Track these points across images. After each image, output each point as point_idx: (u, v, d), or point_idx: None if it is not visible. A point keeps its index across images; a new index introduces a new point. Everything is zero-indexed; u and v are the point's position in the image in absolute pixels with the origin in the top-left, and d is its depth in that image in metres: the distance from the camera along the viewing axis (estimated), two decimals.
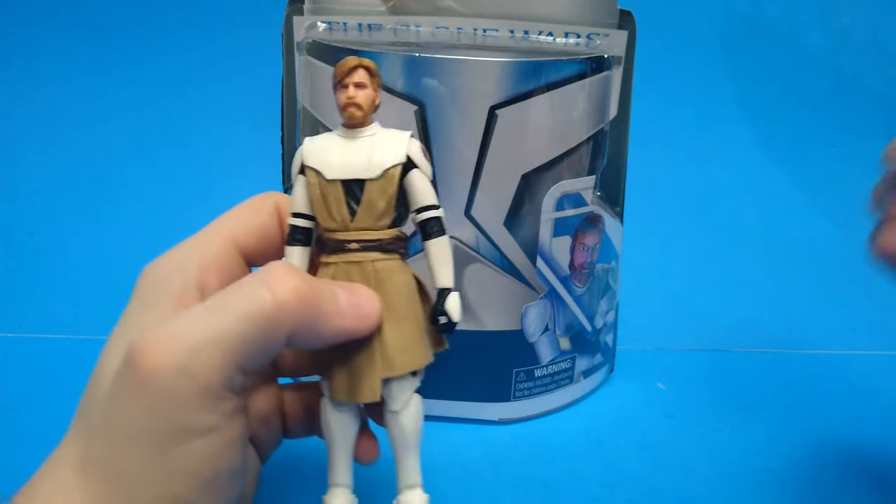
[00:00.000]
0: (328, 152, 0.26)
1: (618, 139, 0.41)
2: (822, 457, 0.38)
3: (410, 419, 0.27)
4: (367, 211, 0.26)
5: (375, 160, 0.26)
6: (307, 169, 0.27)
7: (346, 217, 0.26)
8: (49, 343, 0.48)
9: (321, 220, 0.27)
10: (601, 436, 0.40)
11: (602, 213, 0.41)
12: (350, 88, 0.26)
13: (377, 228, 0.26)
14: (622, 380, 0.46)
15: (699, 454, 0.39)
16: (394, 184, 0.26)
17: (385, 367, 0.26)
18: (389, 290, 0.26)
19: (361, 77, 0.26)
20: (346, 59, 0.26)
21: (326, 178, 0.26)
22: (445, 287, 0.27)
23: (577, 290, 0.41)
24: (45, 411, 0.41)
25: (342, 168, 0.26)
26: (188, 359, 0.22)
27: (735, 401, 0.44)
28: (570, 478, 0.37)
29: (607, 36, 0.39)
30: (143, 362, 0.22)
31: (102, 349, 0.26)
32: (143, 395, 0.22)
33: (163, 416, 0.22)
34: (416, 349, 0.27)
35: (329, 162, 0.26)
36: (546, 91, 0.36)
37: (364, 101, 0.26)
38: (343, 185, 0.26)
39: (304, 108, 0.40)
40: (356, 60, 0.26)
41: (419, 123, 0.36)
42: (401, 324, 0.26)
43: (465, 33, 0.40)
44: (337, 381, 0.26)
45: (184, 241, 0.27)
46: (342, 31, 0.40)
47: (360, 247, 0.26)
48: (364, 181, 0.26)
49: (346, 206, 0.26)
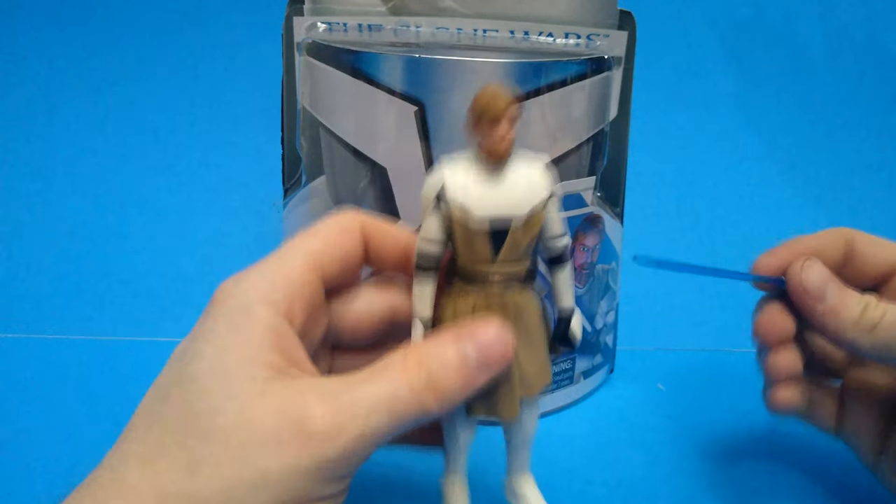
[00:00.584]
0: (471, 189, 0.25)
1: (618, 140, 0.41)
2: (822, 456, 0.38)
3: (531, 423, 0.29)
4: (511, 249, 0.26)
5: (520, 201, 0.26)
6: (452, 205, 0.26)
7: (489, 254, 0.26)
8: (49, 343, 0.48)
9: (463, 254, 0.26)
10: (601, 436, 0.40)
11: (602, 213, 0.41)
12: (504, 125, 0.24)
13: (517, 262, 0.27)
14: (622, 380, 0.46)
15: (699, 454, 0.39)
16: (540, 222, 0.26)
17: (523, 388, 0.27)
18: (526, 319, 0.27)
19: (515, 112, 0.25)
20: (493, 93, 0.24)
21: (474, 218, 0.25)
22: (569, 307, 0.28)
23: (577, 291, 0.41)
24: (44, 411, 0.41)
25: (487, 208, 0.25)
26: (356, 442, 0.23)
27: (735, 401, 0.44)
28: (570, 478, 0.37)
29: (607, 37, 0.39)
30: (316, 427, 0.23)
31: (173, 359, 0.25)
32: (306, 452, 0.22)
33: (315, 476, 0.23)
34: (545, 369, 0.28)
35: (474, 201, 0.25)
36: (546, 92, 0.36)
37: (514, 138, 0.25)
38: (490, 224, 0.26)
39: (303, 108, 0.40)
40: (505, 99, 0.24)
41: (419, 124, 0.36)
42: (534, 349, 0.27)
43: (466, 34, 0.40)
44: (476, 401, 0.27)
45: (264, 262, 0.27)
46: (342, 31, 0.40)
47: (501, 279, 0.26)
48: (510, 220, 0.26)
49: (490, 244, 0.26)
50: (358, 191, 0.38)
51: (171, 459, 0.22)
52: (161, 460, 0.22)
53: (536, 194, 0.26)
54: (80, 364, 0.46)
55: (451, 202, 0.25)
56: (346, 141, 0.38)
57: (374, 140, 0.37)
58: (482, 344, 0.25)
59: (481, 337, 0.25)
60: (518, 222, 0.26)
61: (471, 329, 0.26)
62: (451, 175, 0.26)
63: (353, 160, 0.38)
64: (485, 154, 0.25)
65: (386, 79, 0.36)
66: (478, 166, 0.26)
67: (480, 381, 0.25)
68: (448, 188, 0.25)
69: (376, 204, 0.38)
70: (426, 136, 0.36)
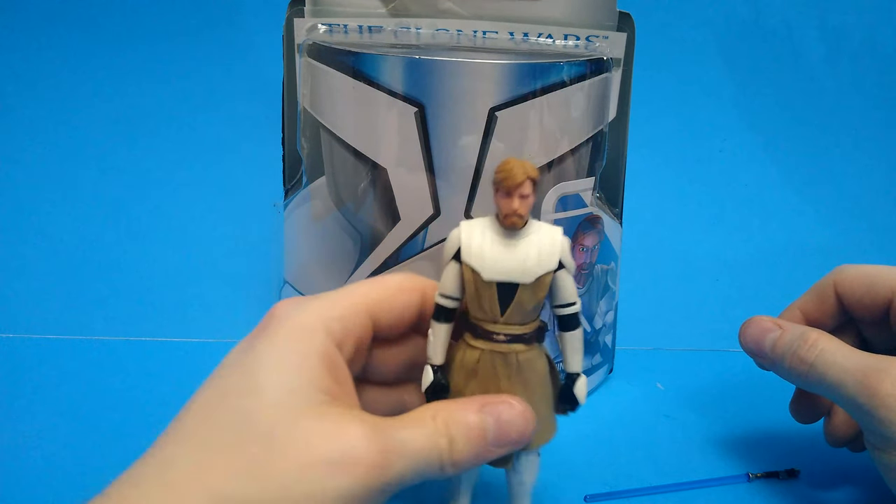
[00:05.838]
0: (485, 250, 0.27)
1: (617, 141, 0.41)
2: (822, 456, 0.39)
3: (530, 476, 0.30)
4: (517, 310, 0.27)
5: (530, 267, 0.27)
6: (465, 264, 0.27)
7: (496, 313, 0.27)
8: (49, 343, 0.48)
9: (472, 310, 0.28)
10: (601, 436, 0.40)
11: (601, 214, 0.41)
12: (515, 201, 0.26)
13: (523, 324, 0.28)
14: (621, 380, 0.46)
15: (698, 454, 0.39)
16: (545, 289, 0.27)
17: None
18: (529, 377, 0.28)
19: (527, 189, 0.26)
20: (512, 166, 0.26)
21: (483, 279, 0.27)
22: (576, 372, 0.29)
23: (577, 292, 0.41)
24: (44, 411, 0.41)
25: (498, 270, 0.27)
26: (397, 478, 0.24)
27: (734, 401, 0.44)
28: (569, 478, 0.37)
29: (606, 38, 0.39)
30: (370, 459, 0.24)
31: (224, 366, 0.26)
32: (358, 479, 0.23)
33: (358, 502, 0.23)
34: (547, 427, 0.29)
35: (486, 262, 0.27)
36: (545, 93, 0.36)
37: (526, 212, 0.26)
38: (497, 286, 0.27)
39: (304, 109, 0.40)
40: (523, 174, 0.26)
41: (419, 125, 0.36)
42: (537, 407, 0.28)
43: (465, 35, 0.40)
44: None
45: (325, 294, 0.28)
46: (343, 33, 0.40)
47: (507, 339, 0.28)
48: (517, 285, 0.27)
49: (497, 304, 0.27)
50: (358, 191, 0.38)
51: (229, 463, 0.23)
52: (217, 462, 0.23)
53: (545, 265, 0.27)
54: (80, 364, 0.46)
55: (465, 262, 0.27)
56: (347, 142, 0.38)
57: (374, 141, 0.37)
58: (503, 420, 0.27)
59: (504, 414, 0.27)
60: (524, 289, 0.27)
61: (495, 402, 0.27)
62: (468, 236, 0.27)
63: (354, 161, 0.38)
64: (500, 220, 0.27)
65: (386, 80, 0.36)
66: (494, 229, 0.27)
67: (495, 454, 0.27)
68: (464, 248, 0.27)
69: (376, 205, 0.38)
70: (426, 137, 0.36)
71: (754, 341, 0.35)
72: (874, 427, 0.30)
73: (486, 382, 0.28)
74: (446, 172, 0.36)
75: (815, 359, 0.32)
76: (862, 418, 0.31)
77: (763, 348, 0.35)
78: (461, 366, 0.28)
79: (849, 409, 0.32)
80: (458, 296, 0.28)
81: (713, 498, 0.36)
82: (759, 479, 0.37)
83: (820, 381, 0.32)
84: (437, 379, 0.28)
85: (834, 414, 0.36)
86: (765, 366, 0.36)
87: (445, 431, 0.26)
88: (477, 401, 0.27)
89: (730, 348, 0.49)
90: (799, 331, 0.34)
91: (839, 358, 0.32)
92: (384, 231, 0.38)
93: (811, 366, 0.32)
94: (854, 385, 0.30)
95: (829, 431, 0.36)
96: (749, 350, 0.36)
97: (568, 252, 0.27)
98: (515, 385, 0.28)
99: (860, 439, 0.34)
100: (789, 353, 0.33)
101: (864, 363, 0.31)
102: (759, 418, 0.42)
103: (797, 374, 0.33)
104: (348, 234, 0.40)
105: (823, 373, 0.32)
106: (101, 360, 0.46)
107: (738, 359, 0.48)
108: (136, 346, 0.48)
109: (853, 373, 0.31)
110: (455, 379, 0.28)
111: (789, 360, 0.33)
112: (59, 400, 0.42)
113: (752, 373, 0.42)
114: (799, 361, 0.33)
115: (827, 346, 0.32)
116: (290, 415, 0.24)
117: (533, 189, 0.26)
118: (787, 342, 0.34)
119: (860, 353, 0.32)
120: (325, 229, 0.40)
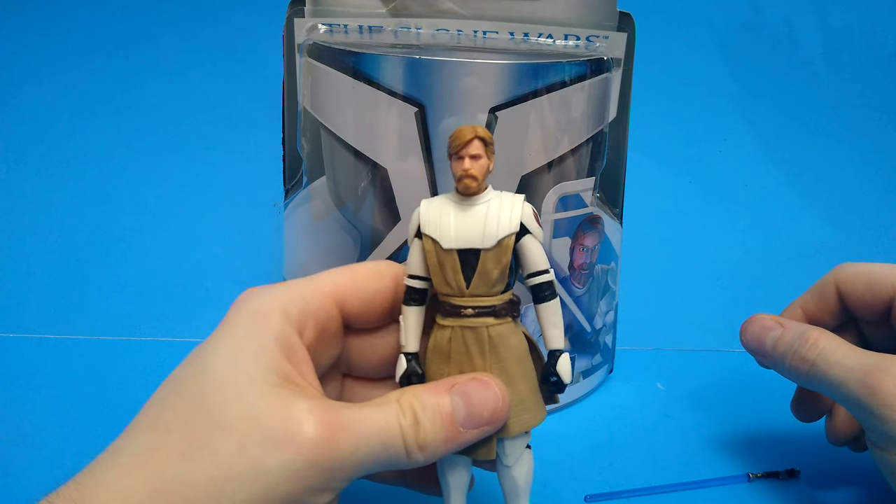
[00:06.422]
0: (444, 220, 0.27)
1: (617, 141, 0.41)
2: (822, 456, 0.39)
3: (522, 473, 0.28)
4: (482, 279, 0.26)
5: (490, 230, 0.26)
6: (424, 236, 0.27)
7: (461, 284, 0.27)
8: (49, 343, 0.48)
9: (437, 285, 0.27)
10: (601, 436, 0.40)
11: (601, 214, 0.41)
12: (466, 161, 0.26)
13: (491, 294, 0.27)
14: (621, 380, 0.46)
15: (698, 454, 0.39)
16: (508, 253, 0.26)
17: (500, 429, 0.27)
18: (503, 353, 0.27)
19: (477, 149, 0.26)
20: (460, 129, 0.26)
21: (443, 248, 0.26)
22: (557, 349, 0.28)
23: (577, 291, 0.41)
24: (44, 411, 0.41)
25: (458, 238, 0.26)
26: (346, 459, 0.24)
27: (734, 401, 0.44)
28: (569, 478, 0.37)
29: (607, 38, 0.39)
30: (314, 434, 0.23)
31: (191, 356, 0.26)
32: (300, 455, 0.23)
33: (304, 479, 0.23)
34: (529, 409, 0.28)
35: (445, 231, 0.26)
36: (546, 93, 0.36)
37: (479, 173, 0.26)
38: (459, 254, 0.26)
39: (304, 109, 0.40)
40: (471, 132, 0.26)
41: (419, 125, 0.36)
42: (515, 386, 0.27)
43: (466, 35, 0.40)
44: None
45: (290, 281, 0.28)
46: (343, 33, 0.40)
47: (475, 312, 0.27)
48: (479, 251, 0.26)
49: (461, 274, 0.26)
50: (358, 191, 0.38)
51: (172, 445, 0.23)
52: (162, 446, 0.23)
53: (505, 227, 0.26)
54: (80, 364, 0.46)
55: (424, 233, 0.27)
56: (347, 142, 0.38)
57: (374, 141, 0.37)
58: (474, 398, 0.26)
59: (475, 393, 0.26)
60: (486, 254, 0.26)
61: (465, 380, 0.26)
62: (426, 210, 0.27)
63: (354, 161, 0.38)
64: (456, 188, 0.27)
65: (386, 80, 0.36)
66: (453, 199, 0.27)
67: (469, 437, 0.26)
68: (423, 221, 0.27)
69: (376, 204, 0.38)
70: (426, 137, 0.36)
71: (755, 340, 0.35)
72: (875, 426, 0.30)
73: (461, 364, 0.27)
74: (446, 173, 0.36)
75: (817, 357, 0.32)
76: (863, 417, 0.31)
77: (764, 347, 0.35)
78: (435, 350, 0.27)
79: (850, 408, 0.32)
80: (425, 274, 0.27)
81: (713, 498, 0.36)
82: (760, 479, 0.37)
83: (821, 380, 0.32)
84: (410, 367, 0.27)
85: (835, 413, 0.36)
86: (766, 364, 0.36)
87: (410, 412, 0.25)
88: (446, 381, 0.26)
89: (730, 348, 0.49)
90: (800, 329, 0.34)
91: (840, 356, 0.32)
92: (384, 231, 0.38)
93: (812, 364, 0.32)
94: (855, 383, 0.30)
95: (831, 430, 0.36)
96: (750, 348, 0.36)
97: (531, 217, 0.27)
98: (490, 363, 0.27)
99: (861, 438, 0.34)
100: (790, 352, 0.33)
101: (865, 361, 0.31)
102: (759, 418, 0.42)
103: (798, 372, 0.33)
104: (348, 233, 0.40)
105: (824, 371, 0.32)
106: (101, 360, 0.46)
107: (738, 359, 0.48)
108: (136, 346, 0.48)
109: (854, 371, 0.31)
110: (430, 366, 0.27)
111: (790, 358, 0.33)
112: (59, 400, 0.42)
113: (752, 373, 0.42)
114: (800, 360, 0.33)
115: (828, 345, 0.32)
116: (238, 396, 0.24)
117: (485, 151, 0.26)
118: (789, 340, 0.34)
119: (861, 351, 0.32)
120: (325, 229, 0.40)
